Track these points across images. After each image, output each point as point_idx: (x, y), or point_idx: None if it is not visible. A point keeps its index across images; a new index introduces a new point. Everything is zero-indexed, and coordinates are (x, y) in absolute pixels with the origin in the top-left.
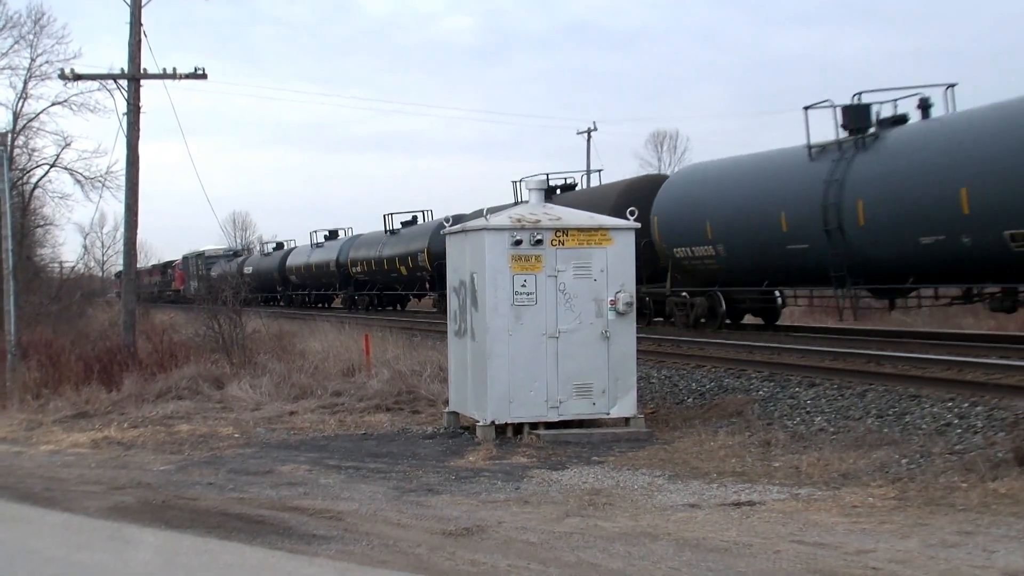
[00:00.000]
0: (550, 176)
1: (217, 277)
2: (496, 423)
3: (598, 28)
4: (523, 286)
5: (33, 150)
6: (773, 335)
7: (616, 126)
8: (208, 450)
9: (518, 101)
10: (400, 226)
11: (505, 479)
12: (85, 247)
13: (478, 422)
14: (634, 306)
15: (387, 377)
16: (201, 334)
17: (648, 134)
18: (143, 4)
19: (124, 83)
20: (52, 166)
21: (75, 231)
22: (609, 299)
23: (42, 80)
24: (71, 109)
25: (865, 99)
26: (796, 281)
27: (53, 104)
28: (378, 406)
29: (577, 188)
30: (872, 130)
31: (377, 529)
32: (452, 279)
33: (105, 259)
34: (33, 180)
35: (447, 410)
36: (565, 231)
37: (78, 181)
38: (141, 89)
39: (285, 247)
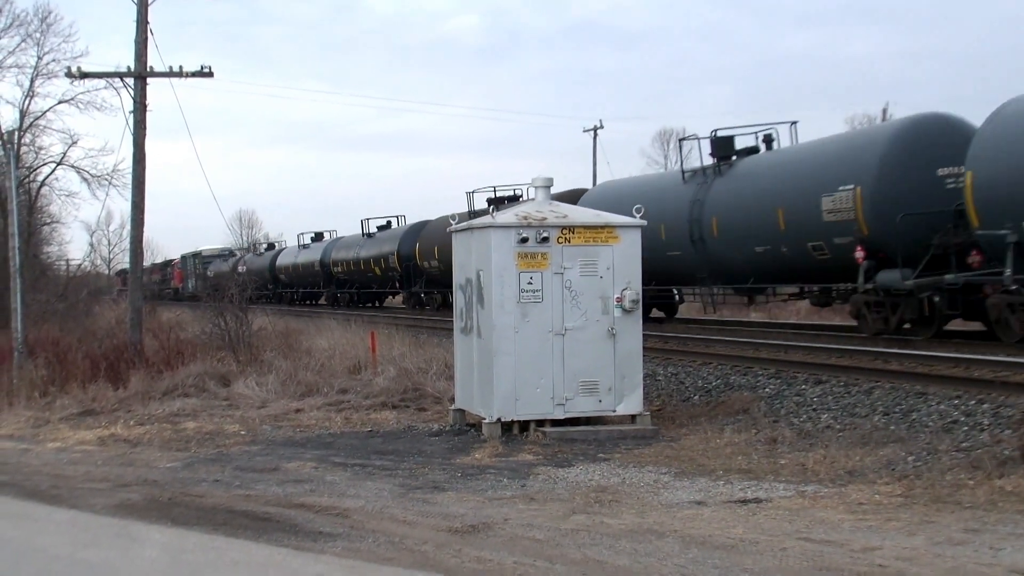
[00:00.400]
0: (497, 188)
1: (214, 276)
2: (502, 420)
3: (603, 27)
4: (529, 283)
5: (40, 148)
6: (778, 334)
7: (623, 124)
8: (214, 447)
9: (523, 100)
10: (376, 230)
11: (511, 476)
12: (91, 245)
13: (484, 419)
14: (640, 304)
15: (393, 374)
16: (207, 332)
17: (655, 132)
18: (149, 3)
19: (131, 81)
20: (59, 164)
21: (82, 229)
22: (615, 297)
23: (49, 78)
24: (78, 107)
25: (727, 134)
26: (677, 281)
27: (60, 102)
28: (384, 403)
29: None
30: (733, 158)
31: (383, 526)
32: (458, 277)
33: (111, 257)
34: (40, 178)
35: (453, 407)
36: (571, 229)
37: (85, 179)
38: (148, 87)
39: (276, 247)
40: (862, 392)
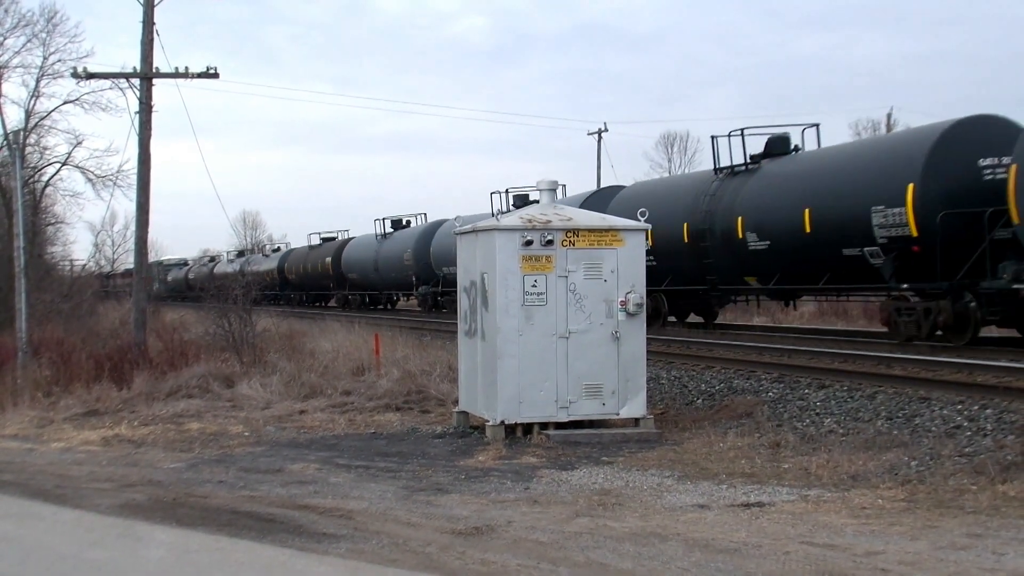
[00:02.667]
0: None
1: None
2: (506, 423)
3: (612, 29)
4: (533, 286)
5: (45, 148)
6: (781, 338)
7: (628, 127)
8: (218, 448)
9: (531, 102)
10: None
11: (515, 479)
12: (96, 245)
13: (488, 422)
14: (644, 307)
15: (397, 377)
16: (211, 333)
17: (659, 136)
18: (156, 3)
19: (136, 82)
20: (64, 164)
21: (86, 229)
22: (619, 300)
23: (54, 78)
24: (83, 108)
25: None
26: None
27: (65, 103)
28: (388, 405)
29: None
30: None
31: (387, 528)
32: (463, 279)
33: (115, 257)
34: (44, 178)
35: (457, 410)
36: (576, 232)
37: (89, 179)
38: (153, 88)
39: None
40: (865, 397)
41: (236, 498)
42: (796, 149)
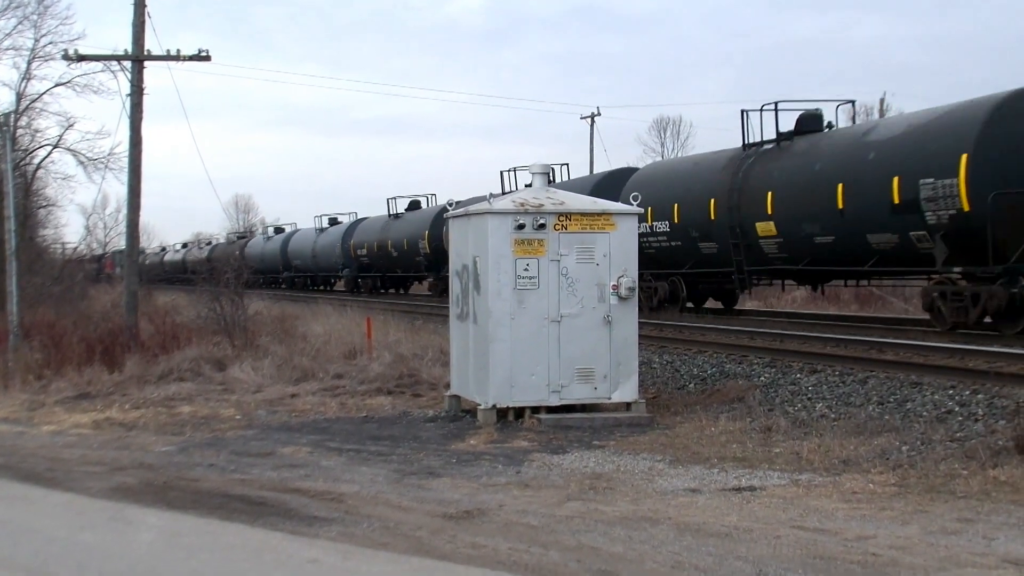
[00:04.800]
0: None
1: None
2: (497, 407)
3: (607, 11)
4: (526, 270)
5: (36, 131)
6: (774, 322)
7: (622, 111)
8: (210, 432)
9: (525, 85)
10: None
11: (506, 463)
12: (87, 228)
13: (479, 405)
14: (636, 291)
15: (389, 360)
16: (203, 316)
17: (652, 120)
18: None
19: (128, 64)
20: (55, 147)
21: (78, 212)
22: (611, 284)
23: (46, 61)
24: (74, 90)
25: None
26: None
27: (56, 85)
28: (379, 389)
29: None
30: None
31: (378, 511)
32: (455, 263)
33: (107, 240)
34: (36, 161)
35: (448, 393)
36: (568, 215)
37: (81, 162)
38: (145, 71)
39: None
40: (857, 381)
41: (227, 481)
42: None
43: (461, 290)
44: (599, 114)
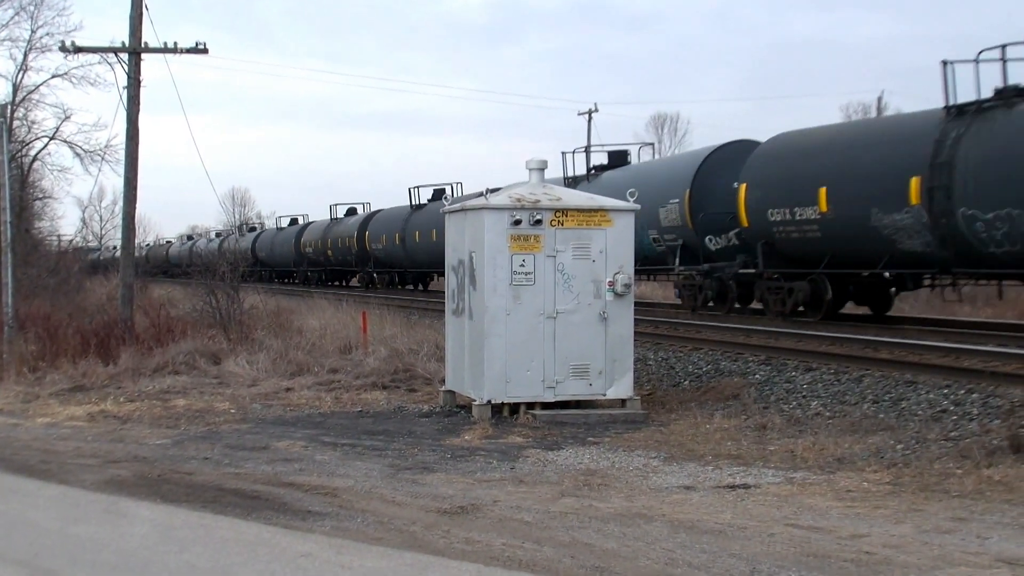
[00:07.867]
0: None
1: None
2: (492, 402)
3: (609, 7)
4: (522, 266)
5: (33, 122)
6: (769, 320)
7: (619, 108)
8: (204, 425)
9: (526, 80)
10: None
11: (501, 458)
12: (84, 221)
13: (474, 401)
14: (632, 288)
15: (384, 355)
16: (198, 309)
17: (649, 117)
18: None
19: (125, 56)
20: (51, 139)
21: (74, 204)
22: (607, 280)
23: (43, 52)
24: (71, 82)
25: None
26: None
27: (53, 76)
28: (374, 384)
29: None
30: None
31: (372, 506)
32: (451, 258)
33: (103, 233)
34: (32, 152)
35: (443, 389)
36: (565, 212)
37: (77, 154)
38: (142, 63)
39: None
40: (852, 380)
41: (221, 475)
42: None
43: (457, 285)
44: (596, 110)
